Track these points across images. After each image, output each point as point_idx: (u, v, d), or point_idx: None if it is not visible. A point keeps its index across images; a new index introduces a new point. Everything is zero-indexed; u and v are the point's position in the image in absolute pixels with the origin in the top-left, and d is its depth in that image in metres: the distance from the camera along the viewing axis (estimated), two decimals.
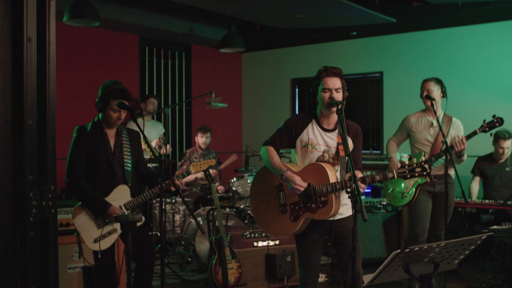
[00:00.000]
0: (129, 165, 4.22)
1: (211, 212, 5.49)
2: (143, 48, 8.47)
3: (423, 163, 3.38)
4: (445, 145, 4.59)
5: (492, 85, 7.27)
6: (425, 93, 5.16)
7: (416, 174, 3.38)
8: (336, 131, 3.65)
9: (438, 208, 5.19)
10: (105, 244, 4.04)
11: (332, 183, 3.46)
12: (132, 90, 8.16)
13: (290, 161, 3.84)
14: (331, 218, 3.57)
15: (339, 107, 3.43)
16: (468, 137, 4.98)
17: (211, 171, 7.27)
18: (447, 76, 7.42)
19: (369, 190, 7.22)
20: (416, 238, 5.23)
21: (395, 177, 3.40)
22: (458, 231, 6.15)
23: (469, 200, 4.41)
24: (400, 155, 5.77)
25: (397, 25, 7.58)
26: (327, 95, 3.55)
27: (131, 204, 4.14)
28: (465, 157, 4.98)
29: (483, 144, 6.17)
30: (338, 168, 3.63)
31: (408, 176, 3.39)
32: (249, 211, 6.12)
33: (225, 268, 5.10)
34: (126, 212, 4.13)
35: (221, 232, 5.18)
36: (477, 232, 5.76)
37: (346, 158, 3.29)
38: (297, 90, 9.29)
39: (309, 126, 3.67)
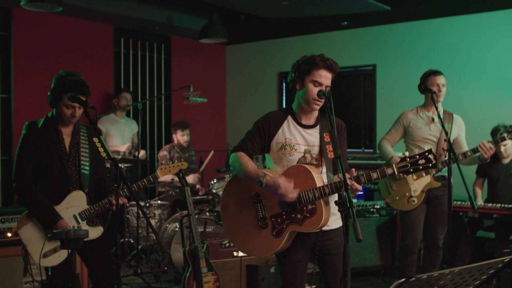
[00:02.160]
0: (87, 168, 3.65)
1: (191, 217, 4.91)
2: (118, 39, 7.88)
3: (426, 153, 2.83)
4: (448, 144, 4.05)
5: (494, 77, 6.84)
6: (437, 89, 4.66)
7: (421, 167, 2.85)
8: (318, 127, 3.11)
9: (434, 214, 4.73)
10: (55, 259, 3.48)
11: (319, 187, 2.93)
12: (106, 85, 7.70)
13: (266, 168, 3.28)
14: (317, 230, 3.02)
15: (327, 104, 2.87)
16: (496, 142, 4.58)
17: (192, 176, 6.73)
18: (446, 69, 6.89)
19: (361, 192, 6.69)
20: (408, 250, 4.82)
21: (396, 172, 2.87)
22: (459, 238, 5.62)
23: (476, 207, 3.87)
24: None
25: (392, 14, 7.16)
26: (315, 89, 3.01)
27: (88, 213, 3.58)
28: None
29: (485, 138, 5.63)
30: (323, 169, 3.10)
31: (411, 170, 2.86)
32: None
33: (200, 282, 4.54)
34: (81, 223, 3.56)
35: (196, 241, 4.62)
36: (495, 251, 5.30)
37: (333, 157, 2.73)
38: (284, 84, 8.77)
39: (285, 124, 3.14)
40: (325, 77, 3.01)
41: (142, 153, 6.90)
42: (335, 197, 2.89)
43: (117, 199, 3.21)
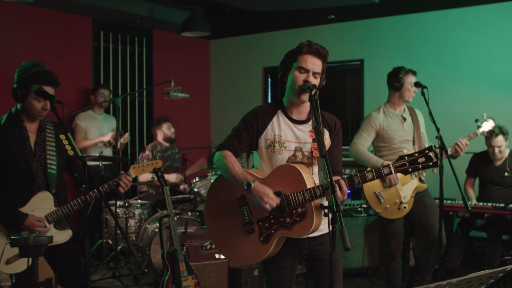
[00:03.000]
0: (54, 167, 3.39)
1: (170, 218, 4.67)
2: (97, 32, 7.58)
3: (427, 151, 2.61)
4: (439, 141, 3.86)
5: (483, 73, 6.69)
6: (414, 90, 4.51)
7: (420, 166, 2.62)
8: (310, 122, 2.89)
9: (421, 211, 4.61)
10: (18, 266, 3.23)
11: (310, 189, 2.70)
12: (84, 80, 7.39)
13: (253, 167, 3.05)
14: (307, 236, 2.79)
15: (313, 92, 2.65)
16: (470, 137, 4.41)
17: (175, 175, 6.48)
18: (434, 63, 6.90)
19: (348, 191, 6.46)
20: (392, 254, 4.70)
21: (393, 172, 2.64)
22: (450, 238, 5.43)
23: (470, 208, 3.68)
24: None
25: (380, 7, 6.93)
26: (301, 76, 2.79)
27: (55, 215, 3.33)
28: None
29: (479, 138, 5.43)
30: (315, 169, 2.87)
31: (410, 169, 2.62)
32: None
33: (180, 286, 4.30)
34: (47, 226, 3.31)
35: (175, 243, 4.38)
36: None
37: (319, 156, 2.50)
38: (269, 80, 8.56)
39: (275, 119, 2.91)
40: (311, 63, 2.79)
41: (126, 135, 6.63)
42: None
43: (85, 201, 2.96)
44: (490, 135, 5.22)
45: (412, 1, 6.78)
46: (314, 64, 2.80)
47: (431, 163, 2.61)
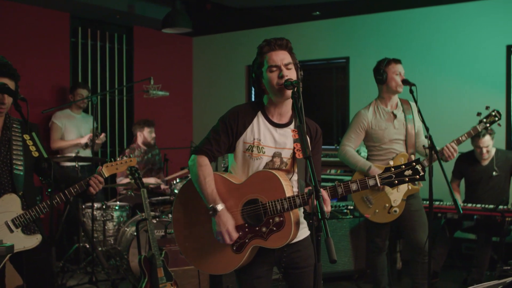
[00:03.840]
0: (21, 168, 3.17)
1: (147, 222, 4.47)
2: (75, 29, 7.34)
3: (414, 164, 2.46)
4: (429, 141, 3.69)
5: (470, 70, 6.59)
6: (400, 78, 4.29)
7: (407, 179, 2.47)
8: (292, 125, 2.70)
9: (407, 216, 4.36)
10: None
11: (289, 197, 2.51)
12: (62, 78, 7.13)
13: (228, 171, 2.86)
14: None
15: (295, 89, 2.47)
16: (459, 141, 4.18)
17: (153, 179, 6.27)
18: (421, 61, 6.80)
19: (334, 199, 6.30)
20: (377, 247, 4.52)
21: (378, 184, 2.48)
22: (437, 239, 5.29)
23: (462, 210, 3.51)
24: None
25: (366, 4, 6.83)
26: (275, 74, 2.61)
27: (23, 219, 3.10)
28: None
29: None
30: (294, 176, 2.70)
31: (396, 182, 2.47)
32: None
33: None
34: (15, 231, 3.09)
35: (153, 248, 4.18)
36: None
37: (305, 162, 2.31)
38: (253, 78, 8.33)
39: (255, 121, 2.71)
40: (277, 57, 2.63)
41: (102, 135, 6.40)
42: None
43: (51, 205, 2.75)
44: (477, 136, 5.08)
45: None
46: (280, 57, 2.63)
47: (417, 177, 2.48)
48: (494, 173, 5.24)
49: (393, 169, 2.50)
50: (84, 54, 7.48)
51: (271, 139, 2.68)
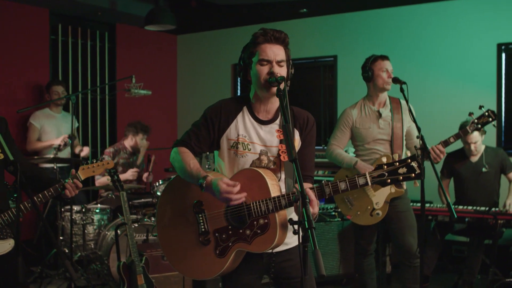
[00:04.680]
0: None
1: (127, 227, 4.27)
2: (55, 26, 7.11)
3: (409, 160, 2.27)
4: (421, 141, 3.53)
5: (460, 68, 6.49)
6: (388, 75, 4.14)
7: (401, 177, 2.27)
8: (278, 121, 2.53)
9: (393, 218, 4.21)
10: None
11: (274, 198, 2.34)
12: (41, 77, 6.83)
13: (214, 170, 2.70)
14: (271, 251, 2.44)
15: (281, 86, 2.30)
16: (446, 143, 4.02)
17: (130, 172, 6.07)
18: (410, 59, 6.71)
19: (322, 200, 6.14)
20: (363, 249, 4.38)
21: (369, 183, 2.30)
22: (428, 243, 5.14)
23: (456, 215, 3.36)
24: None
25: (354, 1, 6.72)
26: (264, 69, 2.44)
27: None
28: None
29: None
30: (281, 175, 2.52)
31: (389, 181, 2.28)
32: None
33: None
34: None
35: (133, 254, 3.99)
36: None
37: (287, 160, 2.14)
38: (239, 77, 8.16)
39: (239, 116, 2.55)
40: (271, 51, 2.45)
41: (85, 151, 6.20)
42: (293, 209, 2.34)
43: (17, 212, 2.55)
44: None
45: None
46: (274, 52, 2.45)
47: (413, 175, 2.28)
48: (483, 169, 5.12)
49: (385, 166, 2.30)
50: (65, 52, 7.26)
51: (256, 136, 2.52)
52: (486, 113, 4.03)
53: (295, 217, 2.51)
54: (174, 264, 2.65)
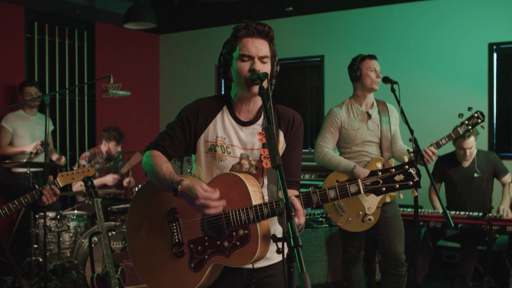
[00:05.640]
0: None
1: (102, 236, 4.01)
2: (30, 23, 6.82)
3: (406, 167, 2.04)
4: (414, 144, 3.34)
5: (450, 69, 6.35)
6: (376, 74, 3.98)
7: (397, 186, 2.04)
8: (260, 121, 2.30)
9: (381, 224, 4.02)
10: None
11: (256, 206, 2.11)
12: (15, 77, 6.47)
13: (191, 175, 2.46)
14: (251, 265, 2.20)
15: (264, 83, 2.08)
16: (438, 144, 3.86)
17: (110, 176, 5.81)
18: (399, 59, 6.58)
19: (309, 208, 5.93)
20: (351, 257, 4.23)
21: (362, 192, 2.06)
22: (419, 249, 4.95)
23: (453, 224, 3.15)
24: None
25: None
26: (246, 66, 2.22)
27: None
28: None
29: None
30: (264, 181, 2.29)
31: (384, 189, 2.05)
32: None
33: None
34: None
35: (108, 265, 3.74)
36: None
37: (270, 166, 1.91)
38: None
39: (218, 117, 2.32)
40: (253, 46, 2.23)
41: (62, 161, 5.90)
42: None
43: None
44: (462, 136, 4.77)
45: None
46: (257, 47, 2.23)
47: (411, 183, 2.04)
48: (475, 174, 4.96)
49: (380, 172, 2.06)
50: (41, 52, 6.97)
51: (237, 138, 2.29)
52: (475, 114, 3.96)
53: (279, 230, 2.31)
54: (145, 279, 2.40)
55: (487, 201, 5.03)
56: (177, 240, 2.28)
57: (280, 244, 1.70)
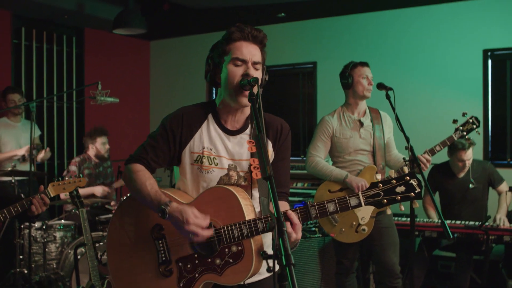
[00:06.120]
0: None
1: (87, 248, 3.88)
2: (18, 29, 6.71)
3: (407, 178, 1.96)
4: (410, 152, 3.24)
5: (444, 75, 6.29)
6: (367, 82, 3.91)
7: (399, 197, 1.96)
8: (248, 130, 2.19)
9: (375, 235, 3.91)
10: None
11: (250, 221, 2.00)
12: (2, 83, 6.38)
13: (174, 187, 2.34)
14: (243, 282, 2.08)
15: (254, 89, 1.97)
16: (433, 151, 3.78)
17: (101, 188, 5.68)
18: (391, 66, 6.54)
19: (300, 205, 5.82)
20: (345, 269, 4.10)
21: (363, 204, 1.98)
22: (415, 260, 4.84)
23: (452, 235, 3.05)
24: None
25: (334, 5, 6.48)
26: (238, 70, 2.11)
27: None
28: None
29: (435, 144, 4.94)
30: (254, 193, 2.19)
31: (385, 201, 1.97)
32: None
33: None
34: None
35: (93, 278, 3.61)
36: None
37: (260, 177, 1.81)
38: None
39: (204, 126, 2.21)
40: (247, 50, 2.12)
41: (46, 150, 5.73)
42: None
43: None
44: (462, 147, 4.68)
45: None
46: (251, 51, 2.13)
47: (413, 194, 1.96)
48: (470, 185, 4.85)
49: (381, 184, 1.98)
50: (28, 57, 6.84)
51: (224, 149, 2.18)
52: (470, 120, 3.88)
53: (268, 243, 2.19)
54: None
55: (482, 211, 4.94)
56: (164, 258, 2.16)
57: (271, 262, 1.58)
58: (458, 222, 4.71)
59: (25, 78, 6.78)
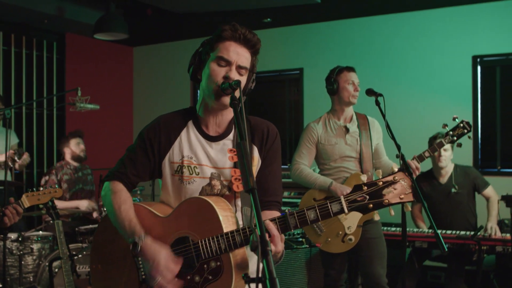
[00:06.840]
0: None
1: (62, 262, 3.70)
2: None
3: (395, 178, 1.80)
4: (401, 160, 3.12)
5: (433, 82, 6.24)
6: (353, 88, 3.80)
7: (386, 201, 1.79)
8: (231, 135, 2.06)
9: (362, 245, 3.79)
10: None
11: (227, 233, 1.86)
12: None
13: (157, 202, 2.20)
14: None
15: (236, 93, 1.82)
16: (421, 157, 3.68)
17: (87, 202, 5.50)
18: (379, 71, 6.50)
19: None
20: (333, 280, 3.98)
21: (345, 210, 1.82)
22: (401, 271, 4.71)
23: (447, 248, 2.92)
24: None
25: (321, 11, 6.38)
26: (221, 71, 1.97)
27: None
28: None
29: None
30: (238, 203, 2.04)
31: (371, 205, 1.80)
32: None
33: None
34: None
35: None
36: None
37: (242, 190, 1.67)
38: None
39: (183, 134, 2.07)
40: (234, 52, 1.97)
41: (24, 155, 5.53)
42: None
43: None
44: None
45: (355, 4, 6.28)
46: (239, 54, 1.98)
47: (403, 198, 1.81)
48: (453, 189, 4.74)
49: (365, 187, 1.81)
50: (7, 63, 6.65)
51: (205, 156, 2.04)
52: (461, 124, 3.74)
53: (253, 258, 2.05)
54: None
55: (470, 217, 4.83)
56: (144, 276, 2.01)
57: (253, 286, 1.42)
58: (449, 232, 4.59)
59: (3, 84, 6.59)
